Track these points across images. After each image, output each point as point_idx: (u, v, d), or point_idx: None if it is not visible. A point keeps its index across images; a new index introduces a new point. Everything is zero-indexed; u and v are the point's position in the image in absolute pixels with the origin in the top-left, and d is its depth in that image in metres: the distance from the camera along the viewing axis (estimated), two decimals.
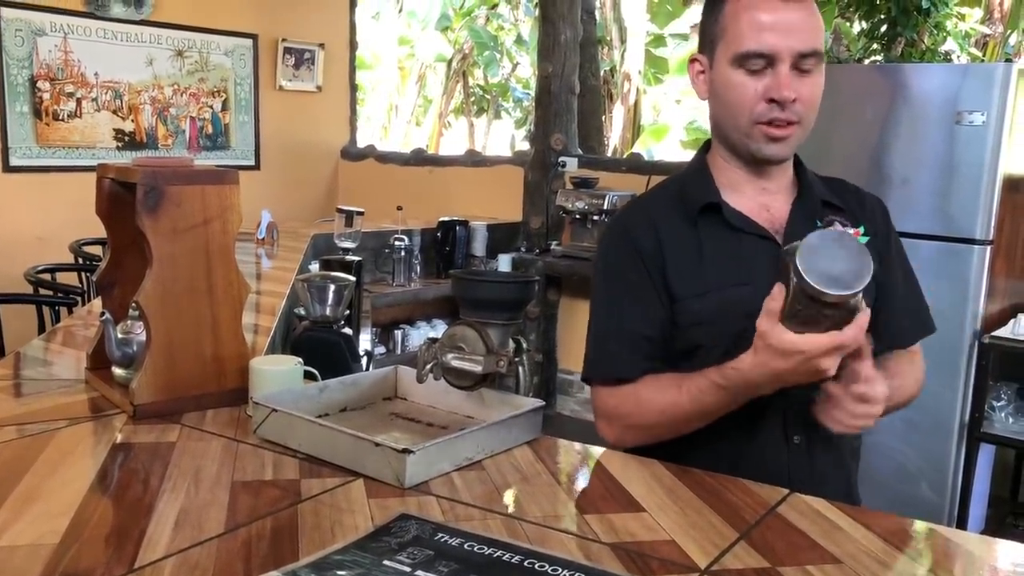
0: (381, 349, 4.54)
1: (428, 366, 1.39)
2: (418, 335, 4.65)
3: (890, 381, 1.22)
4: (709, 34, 1.33)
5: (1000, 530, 3.32)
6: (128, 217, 1.42)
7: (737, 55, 1.27)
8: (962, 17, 5.89)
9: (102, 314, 1.52)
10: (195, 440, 1.33)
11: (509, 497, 1.16)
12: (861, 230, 1.37)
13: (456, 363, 1.37)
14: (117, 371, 1.52)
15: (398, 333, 4.64)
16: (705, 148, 1.44)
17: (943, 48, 4.70)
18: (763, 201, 1.37)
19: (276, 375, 1.43)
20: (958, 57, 5.26)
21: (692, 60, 1.38)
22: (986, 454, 3.27)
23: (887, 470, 3.15)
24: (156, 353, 1.42)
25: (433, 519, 1.04)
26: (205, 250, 1.44)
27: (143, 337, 1.46)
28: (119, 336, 1.50)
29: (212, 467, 1.22)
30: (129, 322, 1.53)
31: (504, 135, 14.40)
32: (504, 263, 4.56)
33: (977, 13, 6.88)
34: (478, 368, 1.34)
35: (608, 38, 9.96)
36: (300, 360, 1.48)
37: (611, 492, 1.25)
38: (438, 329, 4.63)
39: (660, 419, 1.30)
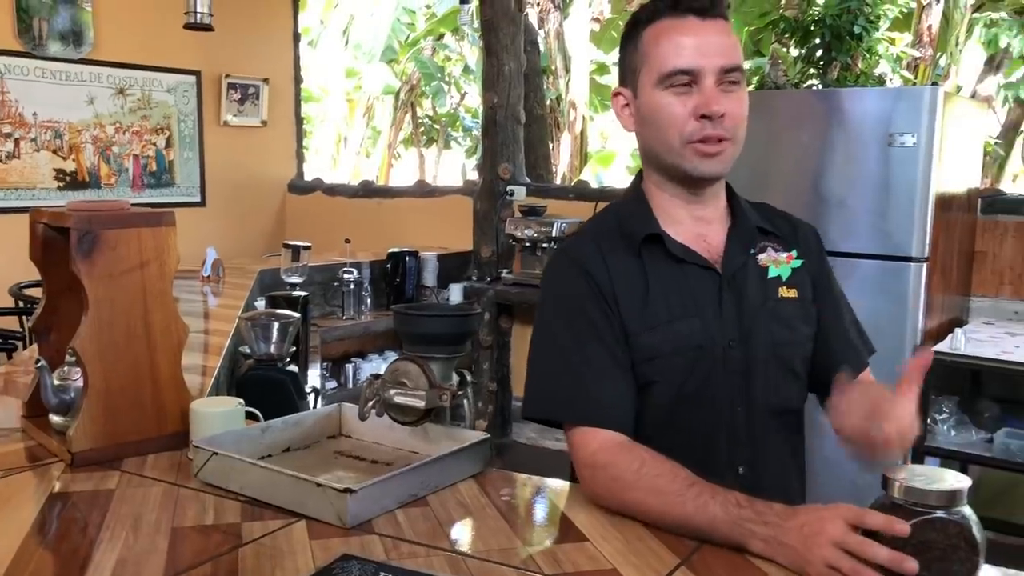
0: (332, 384, 4.50)
1: (370, 403, 1.39)
2: (370, 368, 4.62)
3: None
4: (631, 65, 1.33)
5: None
6: (63, 262, 1.40)
7: (662, 75, 1.27)
8: (892, 41, 6.06)
9: (37, 361, 1.49)
10: (135, 487, 1.31)
11: (454, 533, 1.16)
12: (793, 254, 1.39)
13: (399, 399, 1.37)
14: (54, 418, 1.49)
15: (349, 367, 4.61)
16: (640, 178, 1.43)
17: (877, 71, 4.83)
18: (700, 231, 1.36)
19: (217, 417, 1.41)
20: (891, 80, 5.41)
21: (615, 94, 1.38)
22: None
23: (835, 488, 3.15)
24: (93, 399, 1.39)
25: (376, 559, 1.04)
26: (142, 293, 1.43)
27: (80, 383, 1.44)
28: (55, 383, 1.48)
29: (152, 514, 1.20)
30: (66, 368, 1.50)
31: (455, 165, 14.44)
32: (455, 293, 4.56)
33: (907, 37, 7.11)
34: (420, 403, 1.34)
35: (553, 67, 10.08)
36: (241, 401, 1.46)
37: (555, 523, 1.25)
38: (390, 361, 4.60)
39: (652, 499, 1.15)
